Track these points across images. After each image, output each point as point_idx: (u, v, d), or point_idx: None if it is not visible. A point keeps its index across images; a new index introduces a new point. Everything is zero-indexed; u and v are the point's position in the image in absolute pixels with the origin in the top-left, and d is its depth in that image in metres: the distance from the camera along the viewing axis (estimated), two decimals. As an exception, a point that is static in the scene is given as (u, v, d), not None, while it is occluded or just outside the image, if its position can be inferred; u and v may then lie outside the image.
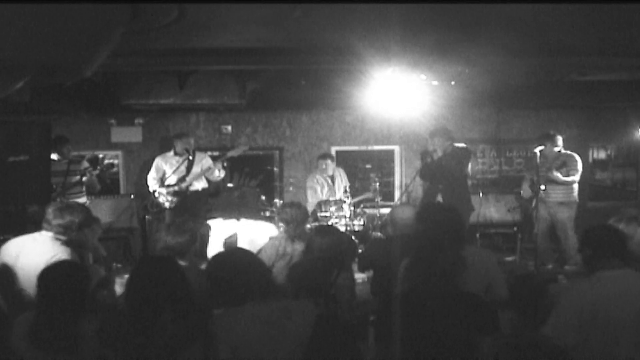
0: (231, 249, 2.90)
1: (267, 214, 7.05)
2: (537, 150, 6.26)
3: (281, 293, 2.84)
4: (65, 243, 3.64)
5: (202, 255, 3.74)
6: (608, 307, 2.69)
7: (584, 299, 2.73)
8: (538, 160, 6.22)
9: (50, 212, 3.68)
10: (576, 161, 6.55)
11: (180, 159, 6.93)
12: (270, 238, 4.48)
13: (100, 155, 8.32)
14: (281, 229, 4.43)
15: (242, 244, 4.72)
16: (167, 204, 6.90)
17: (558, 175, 6.43)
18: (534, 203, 6.47)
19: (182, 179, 6.93)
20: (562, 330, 2.67)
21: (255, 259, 2.79)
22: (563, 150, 6.66)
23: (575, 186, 6.60)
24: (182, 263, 3.37)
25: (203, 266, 3.49)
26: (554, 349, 1.77)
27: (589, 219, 6.75)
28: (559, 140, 6.64)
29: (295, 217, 4.34)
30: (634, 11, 3.51)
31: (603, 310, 2.69)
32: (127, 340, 2.42)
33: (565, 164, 6.42)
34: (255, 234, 4.93)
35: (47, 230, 3.65)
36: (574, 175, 6.50)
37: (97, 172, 6.53)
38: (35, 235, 3.67)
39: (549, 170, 6.45)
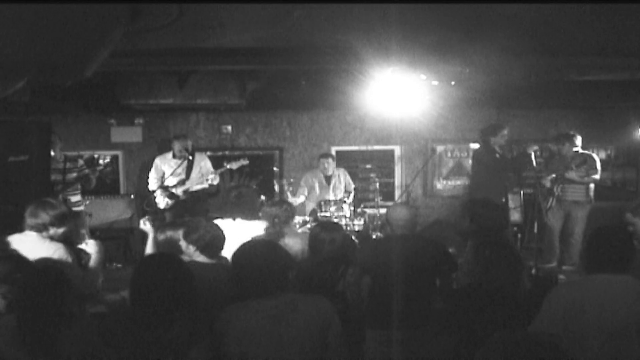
0: (256, 241, 2.87)
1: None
2: (531, 151, 6.30)
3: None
4: (54, 240, 3.65)
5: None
6: (596, 311, 2.62)
7: (571, 299, 2.68)
8: (534, 160, 6.28)
9: (27, 211, 3.69)
10: (595, 161, 6.62)
11: (179, 161, 6.93)
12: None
13: (96, 155, 8.31)
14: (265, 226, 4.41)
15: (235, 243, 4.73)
16: (162, 205, 6.91)
17: (574, 175, 6.47)
18: (549, 201, 6.53)
19: (181, 182, 6.93)
20: (547, 327, 2.64)
21: (276, 252, 2.75)
22: (581, 150, 6.73)
23: (592, 186, 6.66)
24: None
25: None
26: (548, 345, 1.77)
27: (589, 219, 6.77)
28: (578, 140, 6.74)
29: (278, 215, 4.32)
30: (633, 11, 3.50)
31: (591, 313, 2.62)
32: (133, 340, 2.41)
33: (585, 162, 6.49)
34: (249, 234, 4.92)
35: (30, 230, 3.65)
36: (593, 174, 6.57)
37: (96, 173, 6.52)
38: (21, 236, 3.64)
39: (567, 169, 6.50)
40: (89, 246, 3.95)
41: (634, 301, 2.64)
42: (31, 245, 3.55)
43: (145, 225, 3.98)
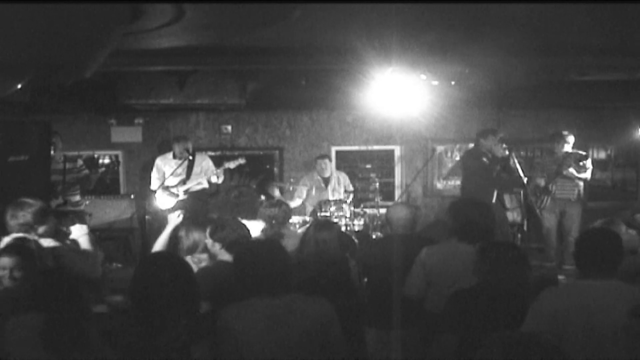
0: (256, 240, 2.87)
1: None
2: (505, 152, 6.35)
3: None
4: (43, 237, 3.65)
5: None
6: (582, 317, 2.58)
7: (557, 305, 2.64)
8: (515, 159, 6.32)
9: (7, 215, 3.68)
10: (587, 159, 6.70)
11: (179, 161, 6.94)
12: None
13: (95, 155, 8.32)
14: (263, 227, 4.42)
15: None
16: (162, 205, 6.92)
17: (573, 171, 6.59)
18: (544, 201, 6.60)
19: (182, 182, 6.95)
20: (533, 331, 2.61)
21: (274, 251, 2.75)
22: (572, 150, 6.84)
23: (582, 184, 6.78)
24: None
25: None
26: (548, 345, 1.76)
27: (589, 219, 6.77)
28: (571, 139, 6.83)
29: (275, 216, 4.33)
30: (634, 11, 3.51)
31: (577, 319, 2.59)
32: (134, 340, 2.41)
33: (584, 157, 6.65)
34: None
35: (16, 232, 3.64)
36: (584, 172, 6.67)
37: (98, 174, 6.52)
38: (8, 240, 3.59)
39: (566, 166, 6.62)
40: (75, 231, 3.94)
41: (622, 307, 2.55)
42: None
43: (179, 217, 3.98)
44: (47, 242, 3.62)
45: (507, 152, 6.34)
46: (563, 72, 5.86)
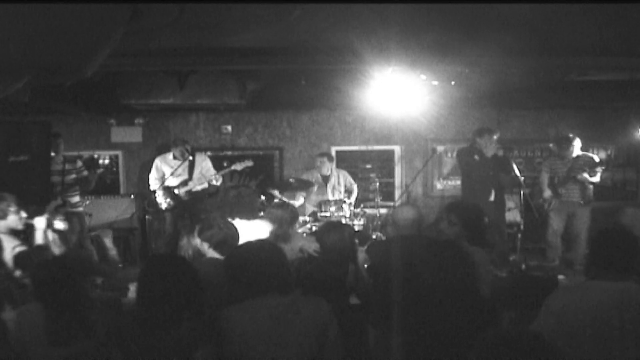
0: (254, 242, 2.88)
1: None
2: (501, 153, 6.34)
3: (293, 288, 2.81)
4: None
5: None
6: (591, 318, 2.57)
7: (567, 305, 2.63)
8: (513, 165, 6.33)
9: None
10: (602, 165, 6.77)
11: (179, 162, 6.95)
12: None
13: (95, 156, 8.32)
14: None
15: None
16: (164, 205, 6.92)
17: (586, 176, 6.59)
18: (551, 202, 6.62)
19: (184, 183, 6.95)
20: (542, 330, 2.59)
21: (274, 252, 2.75)
22: (582, 152, 6.80)
23: (591, 187, 6.77)
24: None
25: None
26: (547, 345, 1.76)
27: (589, 219, 6.77)
28: (578, 142, 6.80)
29: (282, 218, 4.34)
30: (634, 11, 3.51)
31: (586, 320, 2.57)
32: (139, 341, 2.42)
33: (599, 164, 6.64)
34: (249, 233, 4.95)
35: None
36: (594, 176, 6.69)
37: (96, 176, 6.52)
38: None
39: (574, 170, 6.62)
40: (35, 223, 3.97)
41: (632, 310, 2.57)
42: None
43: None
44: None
45: (501, 152, 6.33)
46: (563, 72, 5.86)
